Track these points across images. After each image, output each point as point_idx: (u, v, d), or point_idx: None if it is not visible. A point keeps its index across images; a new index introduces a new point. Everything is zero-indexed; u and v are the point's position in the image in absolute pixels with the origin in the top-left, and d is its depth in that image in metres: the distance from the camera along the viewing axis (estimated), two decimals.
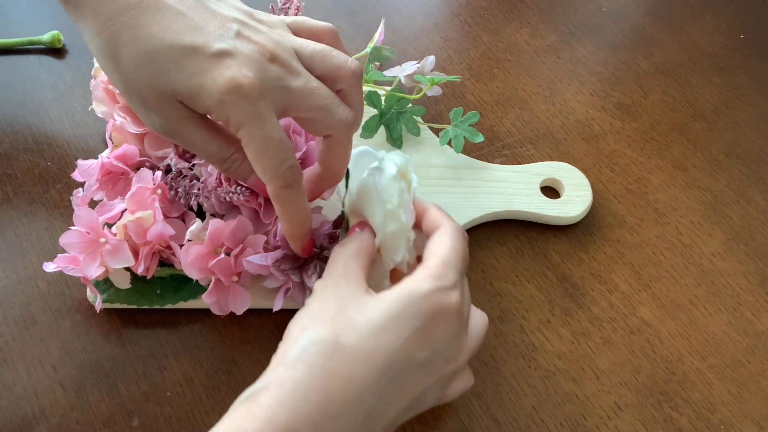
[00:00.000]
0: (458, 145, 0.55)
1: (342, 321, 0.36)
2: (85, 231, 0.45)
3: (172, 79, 0.37)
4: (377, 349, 0.35)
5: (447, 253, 0.39)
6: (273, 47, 0.39)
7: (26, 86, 0.61)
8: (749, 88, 0.64)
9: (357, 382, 0.35)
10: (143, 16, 0.37)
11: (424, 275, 0.38)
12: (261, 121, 0.37)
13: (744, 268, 0.53)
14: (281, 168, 0.38)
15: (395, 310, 0.36)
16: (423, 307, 0.37)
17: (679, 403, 0.47)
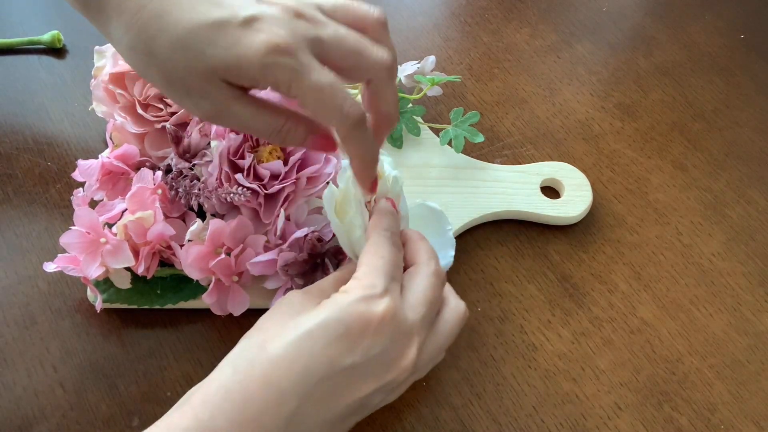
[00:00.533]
0: (458, 145, 0.55)
1: (274, 328, 0.37)
2: (86, 231, 0.45)
3: (210, 58, 0.37)
4: (299, 355, 0.36)
5: (375, 261, 0.39)
6: (295, 5, 0.39)
7: (26, 86, 0.61)
8: (749, 88, 0.64)
9: (276, 385, 0.35)
10: (166, 2, 0.37)
11: (353, 285, 0.38)
12: (308, 71, 0.37)
13: (744, 268, 0.53)
14: (344, 107, 0.38)
15: (321, 318, 0.36)
16: (347, 315, 0.37)
17: (679, 403, 0.47)
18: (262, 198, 0.47)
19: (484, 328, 0.50)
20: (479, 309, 0.51)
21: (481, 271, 0.52)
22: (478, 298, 0.51)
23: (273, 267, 0.45)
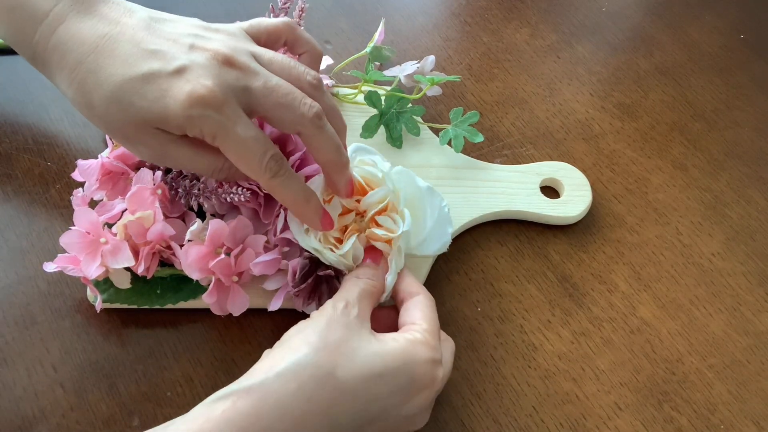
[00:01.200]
0: (458, 145, 0.55)
1: (343, 354, 0.37)
2: (86, 231, 0.45)
3: (140, 109, 0.38)
4: (365, 395, 0.37)
5: (434, 326, 0.41)
6: (227, 51, 0.39)
7: (26, 86, 0.61)
8: (749, 88, 0.64)
9: (334, 419, 0.36)
10: (101, 58, 0.38)
11: (422, 341, 0.40)
12: (231, 125, 0.38)
13: (744, 268, 0.53)
14: (262, 162, 0.39)
15: (393, 364, 0.38)
16: (418, 372, 0.39)
17: (679, 403, 0.47)
18: (261, 198, 0.47)
19: (484, 328, 0.50)
20: (479, 309, 0.51)
21: (481, 271, 0.52)
22: (478, 298, 0.51)
23: (274, 267, 0.45)
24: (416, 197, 0.46)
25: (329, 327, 0.38)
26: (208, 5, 0.68)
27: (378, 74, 0.57)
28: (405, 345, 0.39)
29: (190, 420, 0.35)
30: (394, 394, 0.38)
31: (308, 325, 0.39)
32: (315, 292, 0.46)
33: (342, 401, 0.36)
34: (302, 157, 0.48)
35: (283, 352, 0.38)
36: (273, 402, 0.35)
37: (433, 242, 0.47)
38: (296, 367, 0.36)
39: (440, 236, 0.47)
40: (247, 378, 0.37)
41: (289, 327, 0.49)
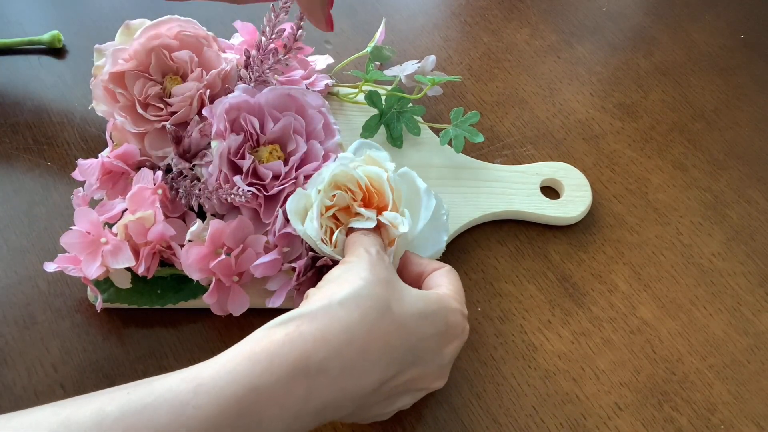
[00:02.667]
0: (458, 145, 0.55)
1: (395, 291, 0.39)
2: (86, 231, 0.45)
3: None
4: (416, 331, 0.38)
5: (460, 287, 0.44)
6: None
7: (26, 86, 0.61)
8: (749, 88, 0.64)
9: (392, 351, 0.37)
10: None
11: (451, 296, 0.42)
12: None
13: (744, 268, 0.53)
14: None
15: (433, 307, 0.40)
16: (450, 319, 0.41)
17: (679, 403, 0.47)
18: (262, 198, 0.47)
19: (484, 328, 0.50)
20: (479, 309, 0.51)
21: (481, 271, 0.52)
22: (478, 298, 0.51)
23: (275, 268, 0.45)
24: (414, 197, 0.46)
25: (375, 266, 0.39)
26: (208, 5, 0.68)
27: (378, 74, 0.57)
28: (438, 294, 0.41)
29: (252, 341, 0.35)
30: (435, 337, 0.39)
31: (354, 264, 0.40)
32: None
33: (398, 334, 0.37)
34: (302, 158, 0.48)
35: (339, 285, 0.38)
36: (339, 327, 0.36)
37: (425, 246, 0.47)
38: (357, 298, 0.37)
39: (435, 243, 0.47)
40: (304, 307, 0.37)
41: None
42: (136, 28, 0.52)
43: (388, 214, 0.44)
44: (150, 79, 0.51)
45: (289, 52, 0.52)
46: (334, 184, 0.45)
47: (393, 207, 0.45)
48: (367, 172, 0.45)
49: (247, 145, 0.48)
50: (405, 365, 0.38)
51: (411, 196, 0.46)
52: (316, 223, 0.43)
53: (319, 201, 0.44)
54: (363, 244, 0.41)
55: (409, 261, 0.46)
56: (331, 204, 0.44)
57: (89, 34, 0.64)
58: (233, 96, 0.48)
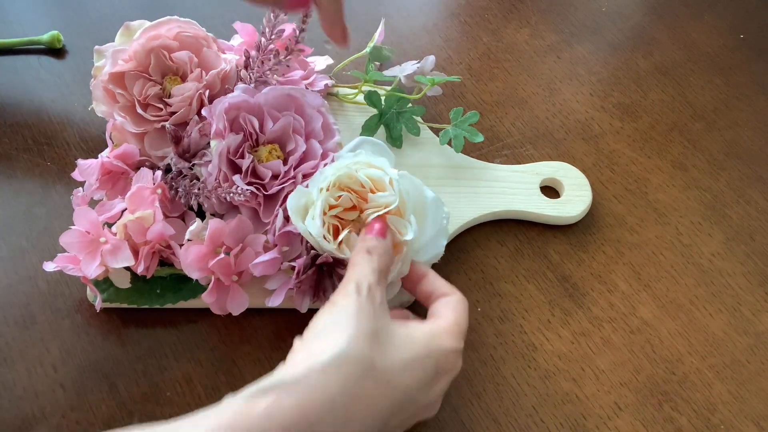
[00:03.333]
0: (458, 145, 0.55)
1: (379, 345, 0.37)
2: (85, 230, 0.45)
3: None
4: (400, 385, 0.37)
5: (462, 319, 0.42)
6: None
7: (26, 86, 0.61)
8: (749, 88, 0.64)
9: (376, 412, 0.36)
10: None
11: (446, 331, 0.40)
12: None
13: (744, 268, 0.53)
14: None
15: (421, 352, 0.38)
16: (442, 361, 0.39)
17: (679, 403, 0.47)
18: (261, 197, 0.47)
19: (484, 328, 0.50)
20: (479, 309, 0.51)
21: (480, 271, 0.52)
22: (478, 298, 0.51)
23: (274, 267, 0.45)
24: (420, 206, 0.46)
25: (360, 314, 0.38)
26: (207, 6, 0.68)
27: (378, 74, 0.57)
28: (430, 332, 0.40)
29: (233, 412, 0.34)
30: (422, 381, 0.38)
31: (339, 313, 0.38)
32: (319, 287, 0.46)
33: (383, 392, 0.36)
34: (301, 157, 0.48)
35: (322, 344, 0.37)
36: (319, 397, 0.35)
37: (425, 250, 0.47)
38: (339, 360, 0.36)
39: (434, 247, 0.47)
40: (286, 371, 0.36)
41: (290, 327, 0.49)
42: (135, 29, 0.52)
43: (393, 220, 0.44)
44: (150, 79, 0.51)
45: (291, 53, 0.52)
46: (338, 185, 0.44)
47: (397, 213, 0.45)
48: (370, 175, 0.45)
49: (247, 145, 0.48)
50: (391, 416, 0.37)
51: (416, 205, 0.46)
52: (318, 220, 0.43)
53: (323, 199, 0.44)
54: (356, 276, 0.40)
55: (421, 278, 0.45)
56: (335, 204, 0.44)
57: (89, 34, 0.64)
58: (233, 96, 0.48)
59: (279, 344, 0.48)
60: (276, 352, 0.48)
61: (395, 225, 0.44)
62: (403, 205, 0.45)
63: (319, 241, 0.44)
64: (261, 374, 0.47)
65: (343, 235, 0.44)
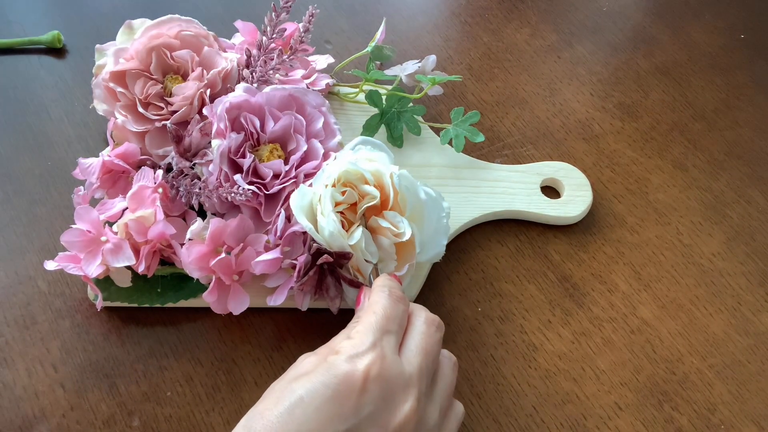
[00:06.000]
0: (459, 145, 0.55)
1: (275, 395, 0.35)
2: (86, 229, 0.45)
3: None
4: (291, 421, 0.34)
5: (368, 318, 0.38)
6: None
7: (26, 86, 0.61)
8: (749, 88, 0.64)
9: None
10: None
11: (344, 344, 0.37)
12: None
13: (744, 268, 0.53)
14: None
15: (312, 383, 0.35)
16: (333, 377, 0.35)
17: (680, 403, 0.47)
18: (262, 197, 0.47)
19: (484, 328, 0.50)
20: (479, 309, 0.51)
21: (481, 271, 0.52)
22: (478, 298, 0.51)
23: (275, 266, 0.45)
24: (418, 206, 0.46)
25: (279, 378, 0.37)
26: (208, 5, 0.68)
27: (379, 73, 0.57)
28: (326, 361, 0.37)
29: None
30: (320, 410, 0.35)
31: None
32: (321, 286, 0.46)
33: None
34: (302, 157, 0.48)
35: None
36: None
37: (427, 251, 0.47)
38: (238, 426, 0.35)
39: (435, 246, 0.47)
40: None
41: (290, 327, 0.49)
42: (137, 28, 0.52)
43: (390, 215, 0.44)
44: (151, 78, 0.51)
45: (294, 54, 0.52)
46: (343, 181, 0.45)
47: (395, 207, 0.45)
48: (371, 170, 0.45)
49: (248, 144, 0.48)
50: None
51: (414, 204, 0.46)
52: (331, 216, 0.43)
53: (330, 195, 0.44)
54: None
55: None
56: (341, 200, 0.44)
57: (89, 34, 0.64)
58: (234, 95, 0.48)
59: (279, 344, 0.48)
60: (276, 352, 0.48)
61: (392, 220, 0.44)
62: (403, 200, 0.45)
63: (329, 238, 0.43)
64: (261, 374, 0.47)
65: (355, 229, 0.44)
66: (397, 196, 0.45)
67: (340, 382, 0.35)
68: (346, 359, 0.36)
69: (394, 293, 0.40)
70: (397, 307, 0.40)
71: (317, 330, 0.49)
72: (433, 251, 0.48)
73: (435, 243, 0.47)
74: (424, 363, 0.38)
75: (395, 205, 0.45)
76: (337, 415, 0.35)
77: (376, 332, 0.37)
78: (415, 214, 0.46)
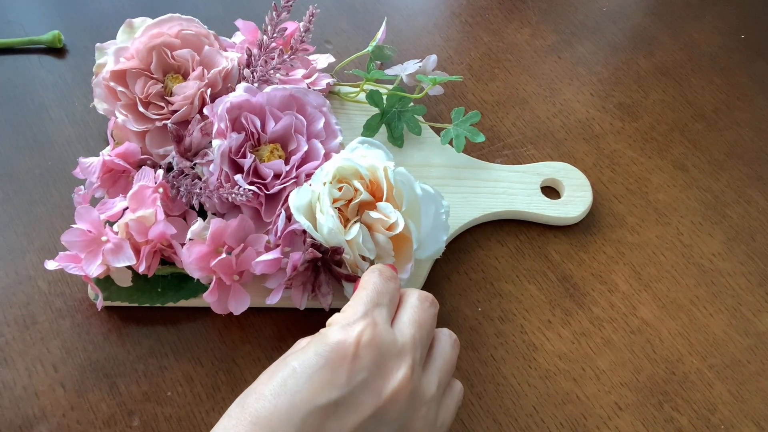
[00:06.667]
0: (459, 145, 0.55)
1: (269, 373, 0.36)
2: (87, 229, 0.45)
3: None
4: (284, 392, 0.34)
5: (359, 293, 0.39)
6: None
7: (26, 86, 0.61)
8: (749, 88, 0.64)
9: (264, 424, 0.34)
10: None
11: (336, 317, 0.38)
12: None
13: (744, 268, 0.53)
14: None
15: (304, 354, 0.35)
16: (325, 346, 0.36)
17: (680, 403, 0.47)
18: (263, 197, 0.47)
19: (484, 328, 0.50)
20: (479, 309, 0.51)
21: (481, 271, 0.52)
22: (478, 298, 0.51)
23: (275, 266, 0.45)
24: (414, 201, 0.46)
25: (276, 361, 0.37)
26: (209, 4, 0.68)
27: (380, 73, 0.57)
28: (317, 334, 0.37)
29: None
30: (312, 379, 0.35)
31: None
32: (315, 283, 0.46)
33: (264, 408, 0.34)
34: (303, 157, 0.48)
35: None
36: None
37: (426, 248, 0.47)
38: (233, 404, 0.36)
39: (434, 242, 0.47)
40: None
41: (290, 326, 0.49)
42: (137, 27, 0.52)
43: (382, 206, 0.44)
44: (151, 77, 0.51)
45: (295, 53, 0.52)
46: (339, 178, 0.45)
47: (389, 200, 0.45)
48: (367, 164, 0.45)
49: (248, 144, 0.48)
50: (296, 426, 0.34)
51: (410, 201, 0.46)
52: (332, 212, 0.43)
53: (328, 192, 0.44)
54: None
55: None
56: (338, 196, 0.44)
57: (89, 33, 0.64)
58: (234, 95, 0.48)
59: (280, 344, 0.48)
60: (276, 352, 0.48)
61: (383, 210, 0.44)
62: (399, 195, 0.45)
63: (328, 235, 0.43)
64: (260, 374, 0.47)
65: (352, 224, 0.44)
66: (392, 191, 0.45)
67: (332, 351, 0.35)
68: (338, 329, 0.36)
69: (385, 273, 0.40)
70: (387, 283, 0.40)
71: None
72: (433, 248, 0.48)
73: (434, 240, 0.47)
74: (417, 334, 0.38)
75: (390, 200, 0.45)
76: (329, 382, 0.35)
77: (367, 304, 0.38)
78: (411, 209, 0.46)
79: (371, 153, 0.47)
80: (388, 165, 0.45)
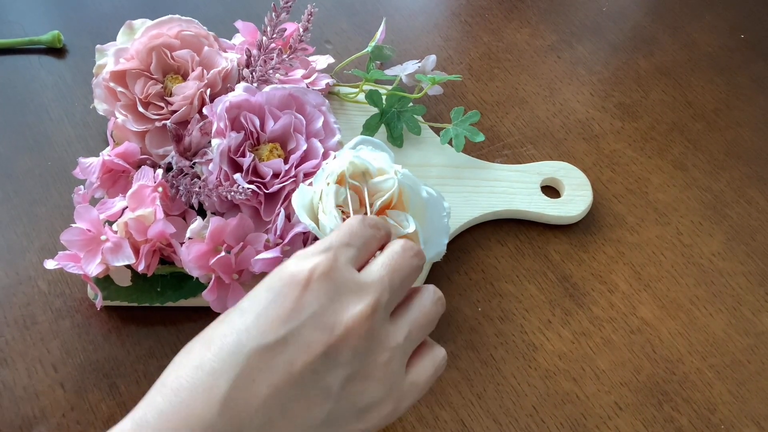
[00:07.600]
0: (459, 145, 0.55)
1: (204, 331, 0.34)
2: (86, 228, 0.45)
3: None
4: (231, 332, 0.32)
5: (332, 233, 0.36)
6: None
7: (26, 86, 0.61)
8: (749, 88, 0.64)
9: (207, 368, 0.31)
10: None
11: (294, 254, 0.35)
12: None
13: (744, 267, 0.53)
14: None
15: (252, 294, 0.33)
16: (277, 280, 0.33)
17: (680, 403, 0.47)
18: (262, 196, 0.47)
19: (484, 328, 0.50)
20: (479, 309, 0.51)
21: (481, 270, 0.52)
22: (478, 298, 0.51)
23: (275, 265, 0.45)
24: (420, 205, 0.46)
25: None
26: (208, 5, 0.68)
27: (379, 73, 0.57)
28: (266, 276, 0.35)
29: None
30: (261, 316, 0.32)
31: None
32: None
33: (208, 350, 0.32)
34: (302, 156, 0.48)
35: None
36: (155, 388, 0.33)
37: (428, 251, 0.47)
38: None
39: (436, 246, 0.47)
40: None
41: None
42: (137, 28, 0.53)
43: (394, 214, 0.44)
44: (151, 78, 0.51)
45: (294, 53, 0.52)
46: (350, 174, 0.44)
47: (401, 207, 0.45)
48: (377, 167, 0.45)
49: (248, 143, 0.48)
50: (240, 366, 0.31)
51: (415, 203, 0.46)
52: (332, 212, 0.43)
53: (333, 192, 0.44)
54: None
55: None
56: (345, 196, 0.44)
57: (89, 34, 0.64)
58: (234, 94, 0.48)
59: None
60: None
61: (396, 218, 0.44)
62: (407, 198, 0.45)
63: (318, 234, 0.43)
64: None
65: None
66: (402, 196, 0.45)
67: (284, 284, 0.33)
68: (294, 261, 0.34)
69: (369, 220, 0.37)
70: (365, 228, 0.36)
71: None
72: (434, 251, 0.48)
73: (436, 243, 0.47)
74: (387, 277, 0.34)
75: (399, 204, 0.45)
76: (277, 317, 0.32)
77: (333, 241, 0.35)
78: (416, 212, 0.46)
79: (376, 155, 0.46)
80: (396, 168, 0.45)
